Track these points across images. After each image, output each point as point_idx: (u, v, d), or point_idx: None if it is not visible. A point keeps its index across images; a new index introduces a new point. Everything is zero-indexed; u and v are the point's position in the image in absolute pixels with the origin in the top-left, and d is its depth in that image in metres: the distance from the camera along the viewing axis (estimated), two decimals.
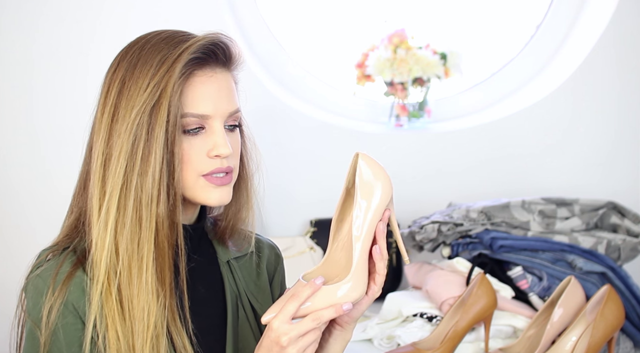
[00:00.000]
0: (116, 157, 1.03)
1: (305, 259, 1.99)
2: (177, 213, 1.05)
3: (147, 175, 1.02)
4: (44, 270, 1.05)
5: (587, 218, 1.83)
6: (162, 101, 1.02)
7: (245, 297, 1.18)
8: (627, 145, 2.15)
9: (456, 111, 2.22)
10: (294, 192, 2.09)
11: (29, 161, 1.91)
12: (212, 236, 1.18)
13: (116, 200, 1.02)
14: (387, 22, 2.18)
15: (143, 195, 1.02)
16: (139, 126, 1.02)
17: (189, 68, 1.04)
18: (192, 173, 1.05)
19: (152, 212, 1.03)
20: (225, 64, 1.08)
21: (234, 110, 1.07)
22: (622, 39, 2.11)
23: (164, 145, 1.02)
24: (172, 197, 1.04)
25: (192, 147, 1.05)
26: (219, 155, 1.05)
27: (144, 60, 1.04)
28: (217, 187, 1.06)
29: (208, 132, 1.05)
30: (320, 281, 1.00)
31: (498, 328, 1.67)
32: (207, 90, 1.05)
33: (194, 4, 1.94)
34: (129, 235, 1.03)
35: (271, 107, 2.05)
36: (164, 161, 1.02)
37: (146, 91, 1.02)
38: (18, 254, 1.90)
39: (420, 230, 1.80)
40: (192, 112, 1.04)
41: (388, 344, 1.66)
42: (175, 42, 1.04)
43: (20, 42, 1.87)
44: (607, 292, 1.57)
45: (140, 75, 1.03)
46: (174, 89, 1.02)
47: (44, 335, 1.03)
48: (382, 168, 1.07)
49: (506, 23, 2.29)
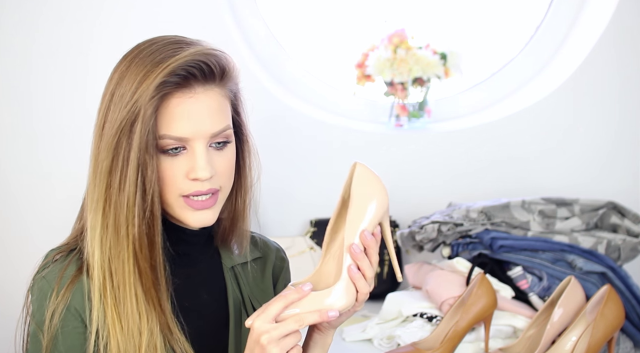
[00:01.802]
0: (99, 173, 1.02)
1: (305, 259, 1.99)
2: (156, 234, 1.02)
3: (123, 194, 1.00)
4: (50, 271, 1.05)
5: (587, 218, 1.83)
6: (137, 121, 0.99)
7: (249, 303, 1.17)
8: (627, 145, 2.15)
9: (456, 111, 2.22)
10: (294, 192, 2.09)
11: (28, 163, 1.91)
12: (217, 242, 1.17)
13: (100, 218, 1.01)
14: (387, 22, 2.18)
15: (120, 215, 1.01)
16: (118, 145, 1.00)
17: (164, 89, 0.99)
18: (172, 193, 1.03)
19: (128, 231, 1.01)
20: (208, 81, 1.03)
21: (218, 130, 1.03)
22: (622, 39, 2.10)
23: (136, 166, 0.99)
24: (149, 218, 1.01)
25: (171, 167, 1.02)
26: (197, 178, 1.02)
27: (130, 74, 1.01)
28: (197, 210, 1.04)
29: (189, 152, 1.02)
30: (308, 287, 0.99)
31: (498, 328, 1.67)
32: (184, 112, 1.00)
33: (194, 4, 1.94)
34: (113, 253, 1.02)
35: (271, 107, 2.05)
36: (138, 182, 1.00)
37: (125, 108, 1.00)
38: (16, 257, 1.90)
39: (420, 230, 1.80)
40: (169, 134, 1.00)
41: (388, 344, 1.66)
42: (160, 59, 1.00)
43: (20, 42, 1.87)
44: (607, 292, 1.57)
45: (124, 91, 1.01)
46: (149, 111, 0.98)
47: (46, 338, 1.03)
48: (379, 179, 1.06)
49: (506, 23, 2.29)
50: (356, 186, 1.04)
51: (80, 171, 1.16)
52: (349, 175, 1.06)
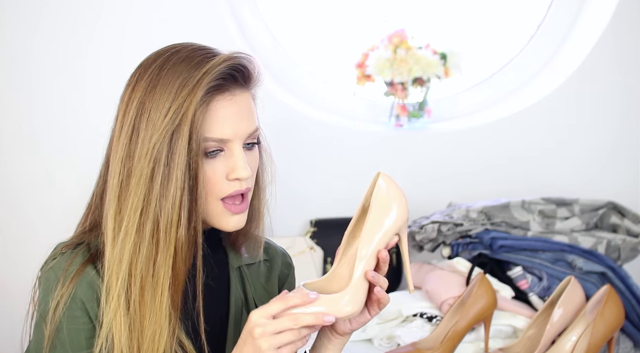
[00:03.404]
0: (136, 180, 1.02)
1: (305, 259, 1.99)
2: (199, 237, 1.04)
3: (167, 200, 1.01)
4: (57, 262, 1.05)
5: (587, 218, 1.83)
6: (183, 127, 1.01)
7: (253, 304, 1.18)
8: (627, 145, 2.15)
9: (456, 111, 2.22)
10: (294, 192, 2.09)
11: (30, 162, 1.91)
12: (226, 242, 1.18)
13: (135, 224, 1.02)
14: (387, 22, 2.18)
15: (162, 219, 1.02)
16: (159, 151, 1.01)
17: (208, 93, 1.02)
18: (213, 196, 1.05)
19: (171, 236, 1.02)
20: (244, 85, 1.07)
21: (253, 130, 1.06)
22: (622, 39, 2.10)
23: (185, 170, 1.01)
24: (194, 221, 1.03)
25: (212, 169, 1.04)
26: (238, 178, 1.04)
27: (164, 82, 1.03)
28: (234, 214, 1.06)
29: (227, 154, 1.05)
30: (314, 295, 1.00)
31: (498, 328, 1.67)
32: (226, 114, 1.04)
33: (194, 4, 1.94)
34: (145, 258, 1.02)
35: (271, 107, 2.03)
36: (185, 186, 1.01)
37: (167, 116, 1.01)
38: (18, 256, 1.90)
39: (420, 230, 1.80)
40: (211, 137, 1.03)
41: (388, 344, 1.66)
42: (195, 64, 1.03)
43: (20, 42, 1.87)
44: (607, 292, 1.57)
45: (160, 99, 1.02)
46: (196, 115, 1.01)
47: (48, 328, 1.03)
48: (401, 191, 1.07)
49: (506, 23, 2.29)
50: (376, 197, 1.05)
51: (82, 170, 1.17)
52: (371, 184, 1.07)
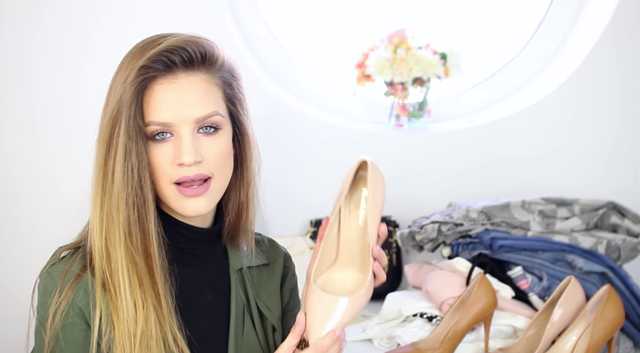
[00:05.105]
0: (96, 164, 1.06)
1: (305, 259, 1.99)
2: (148, 222, 1.04)
3: (113, 184, 1.03)
4: (55, 268, 1.06)
5: (587, 218, 1.82)
6: (121, 110, 1.02)
7: (254, 306, 1.17)
8: (627, 145, 2.15)
9: (456, 111, 2.22)
10: (294, 192, 2.09)
11: (30, 161, 1.91)
12: (226, 242, 1.18)
13: (98, 207, 1.04)
14: (387, 22, 2.18)
15: (112, 203, 1.03)
16: (111, 134, 1.03)
17: (146, 75, 1.03)
18: (163, 180, 1.05)
19: (116, 221, 1.03)
20: (190, 67, 1.05)
21: (203, 115, 1.05)
22: (622, 39, 2.10)
23: (123, 153, 1.02)
24: (139, 205, 1.03)
25: (158, 153, 1.04)
26: (182, 164, 1.04)
27: (119, 68, 1.06)
28: (189, 197, 1.06)
29: (176, 138, 1.05)
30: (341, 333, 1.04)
31: (498, 328, 1.67)
32: (166, 98, 1.04)
33: (193, 5, 1.94)
34: (109, 241, 1.04)
35: (271, 107, 2.05)
36: (127, 170, 1.02)
37: (115, 98, 1.03)
38: (19, 254, 1.90)
39: (420, 230, 1.80)
40: (153, 120, 1.04)
41: (388, 344, 1.66)
42: (143, 49, 1.05)
43: (20, 42, 1.87)
44: (607, 292, 1.57)
45: (114, 85, 1.05)
46: (129, 97, 1.02)
47: (48, 335, 1.03)
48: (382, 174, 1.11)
49: (506, 23, 2.29)
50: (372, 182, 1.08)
51: (83, 168, 1.17)
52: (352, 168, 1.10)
